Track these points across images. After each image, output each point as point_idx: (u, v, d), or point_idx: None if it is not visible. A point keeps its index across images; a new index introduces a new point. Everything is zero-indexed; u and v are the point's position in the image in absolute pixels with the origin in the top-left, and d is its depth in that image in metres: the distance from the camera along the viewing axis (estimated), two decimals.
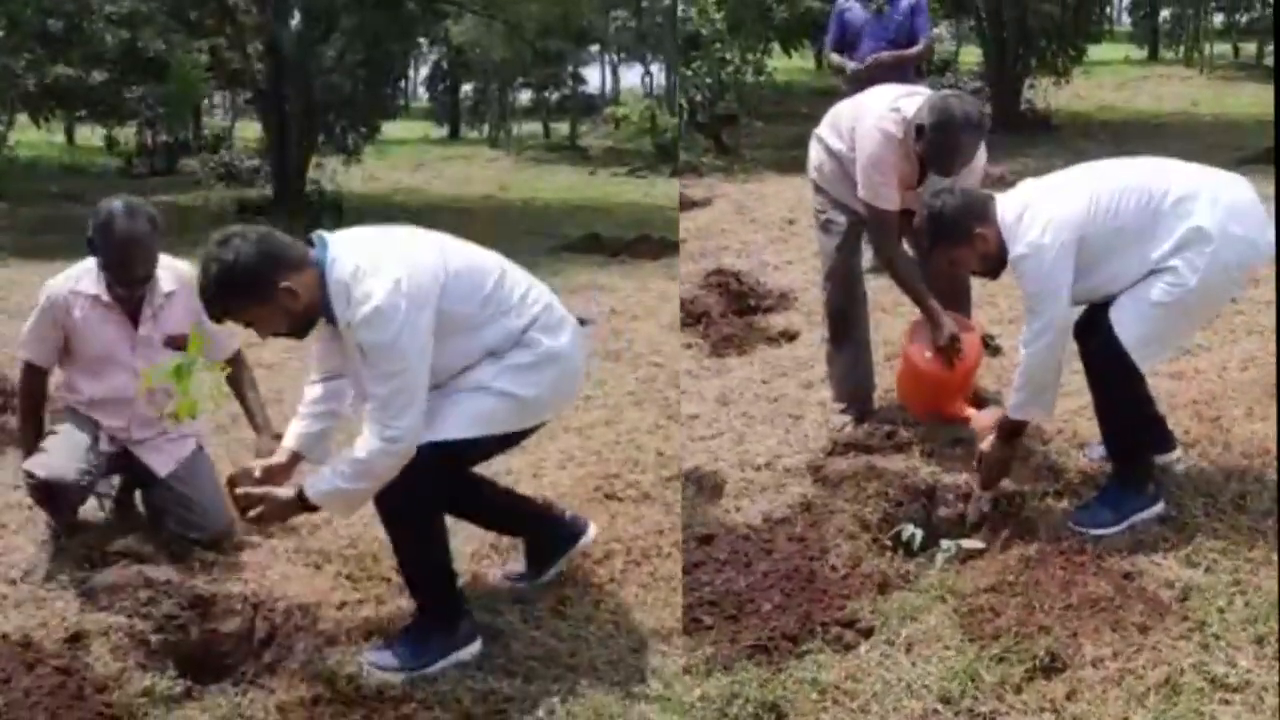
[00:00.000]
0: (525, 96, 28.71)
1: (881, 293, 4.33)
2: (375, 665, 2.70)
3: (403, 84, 28.57)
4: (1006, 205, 3.17)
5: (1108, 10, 26.29)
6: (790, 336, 4.93)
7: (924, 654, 2.61)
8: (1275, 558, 2.89)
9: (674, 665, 2.76)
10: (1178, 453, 3.49)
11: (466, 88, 28.28)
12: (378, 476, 2.55)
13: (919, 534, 3.05)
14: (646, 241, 10.10)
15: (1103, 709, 2.41)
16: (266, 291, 2.52)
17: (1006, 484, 3.31)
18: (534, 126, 27.12)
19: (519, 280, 2.81)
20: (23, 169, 14.60)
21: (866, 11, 6.44)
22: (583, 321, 3.08)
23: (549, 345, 2.75)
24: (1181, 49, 26.09)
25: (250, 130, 17.84)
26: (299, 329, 2.64)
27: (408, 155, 19.86)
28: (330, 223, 11.25)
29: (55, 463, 3.21)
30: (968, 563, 2.96)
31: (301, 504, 2.64)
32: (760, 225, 7.38)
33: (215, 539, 3.30)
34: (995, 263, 3.23)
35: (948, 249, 3.25)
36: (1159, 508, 3.15)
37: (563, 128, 26.59)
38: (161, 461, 3.44)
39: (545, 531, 3.14)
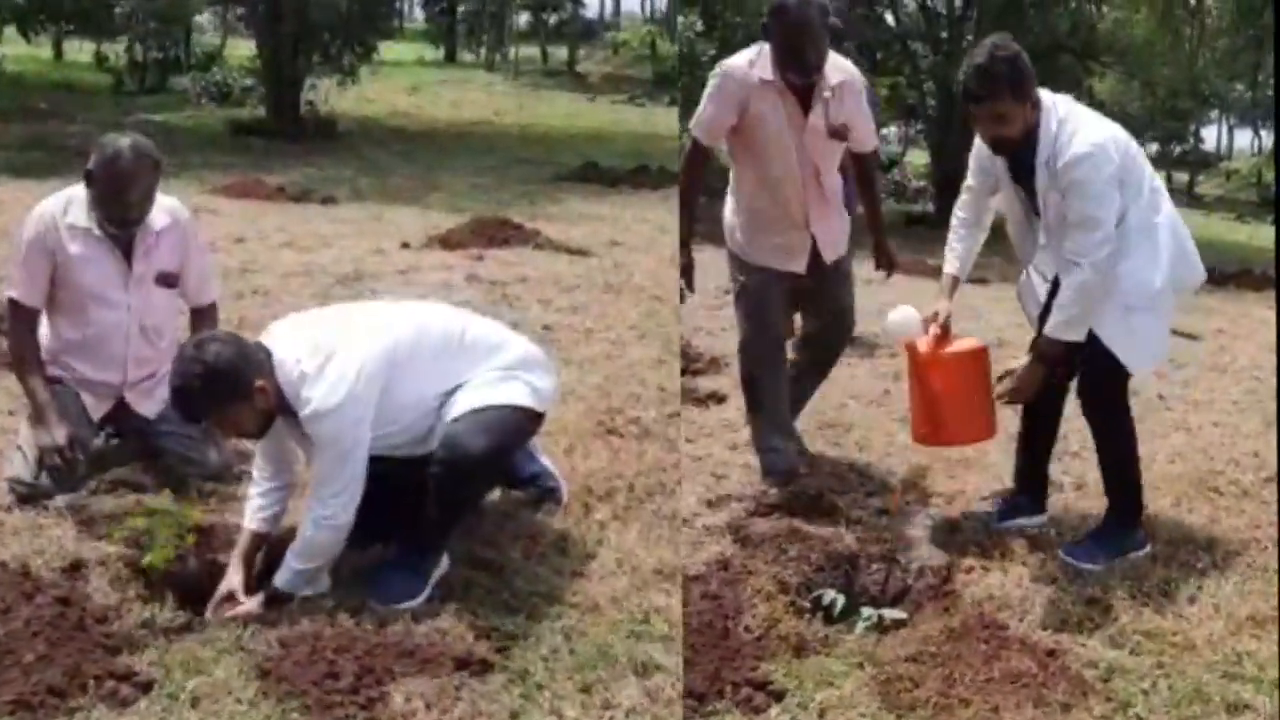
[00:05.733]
0: (523, 19, 28.17)
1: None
2: (380, 598, 2.71)
3: (398, 3, 27.83)
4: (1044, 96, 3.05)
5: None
6: (719, 399, 4.58)
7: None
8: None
9: (678, 605, 2.75)
10: (1045, 518, 3.42)
11: (463, 9, 27.65)
12: (325, 551, 2.75)
13: (840, 599, 2.96)
14: (645, 172, 10.00)
15: None
16: (246, 390, 2.64)
17: (932, 556, 3.22)
18: (531, 50, 26.63)
19: (489, 331, 3.00)
20: (9, 83, 14.32)
21: None
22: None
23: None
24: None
25: (242, 49, 17.50)
26: (264, 427, 2.76)
27: (403, 77, 19.53)
28: (323, 146, 11.05)
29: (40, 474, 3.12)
30: (888, 632, 2.85)
31: (273, 600, 2.72)
32: (696, 292, 7.17)
33: (215, 473, 3.28)
34: (1017, 135, 3.03)
35: (1009, 104, 2.98)
36: (1147, 549, 3.22)
37: (561, 52, 26.16)
38: (151, 406, 3.38)
39: None
